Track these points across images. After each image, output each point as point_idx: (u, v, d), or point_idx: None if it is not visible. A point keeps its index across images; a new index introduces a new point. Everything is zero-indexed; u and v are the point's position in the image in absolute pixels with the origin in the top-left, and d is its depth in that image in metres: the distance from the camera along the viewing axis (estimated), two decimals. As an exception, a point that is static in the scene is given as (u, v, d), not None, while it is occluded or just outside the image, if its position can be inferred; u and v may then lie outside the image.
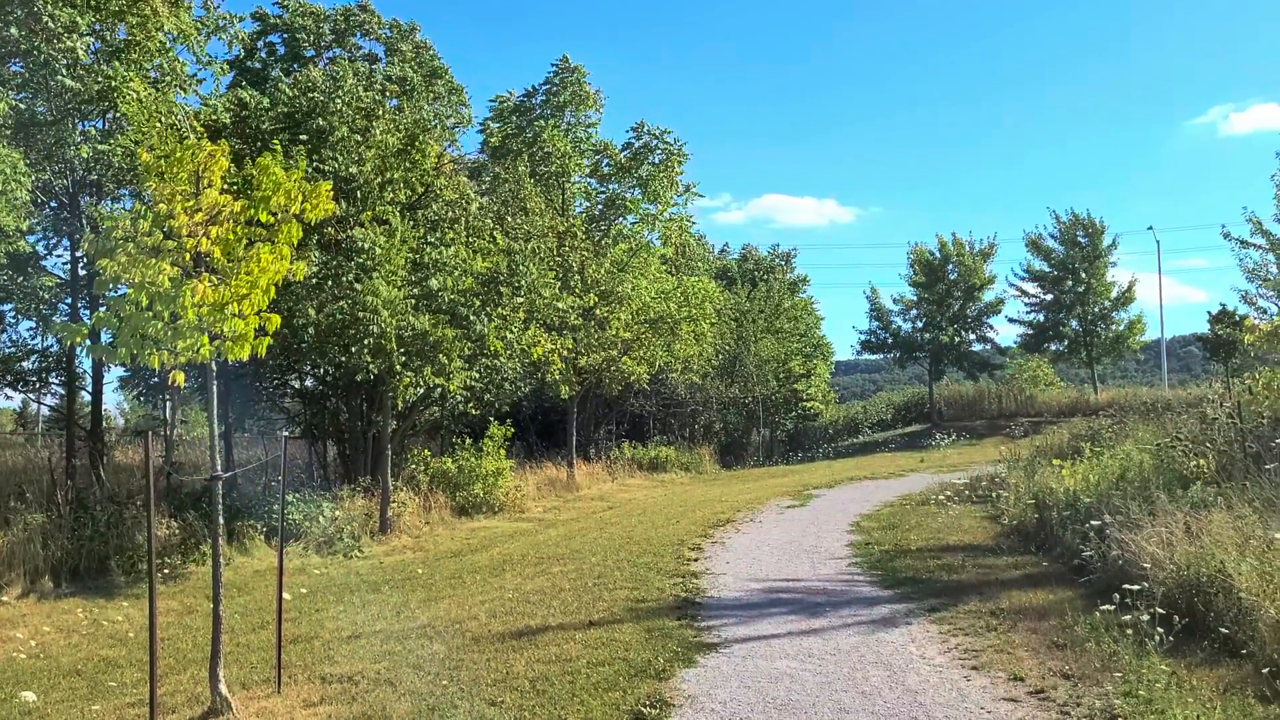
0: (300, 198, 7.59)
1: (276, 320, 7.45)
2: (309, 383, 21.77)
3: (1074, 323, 42.03)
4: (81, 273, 17.37)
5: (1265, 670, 6.83)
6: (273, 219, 7.51)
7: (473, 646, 9.06)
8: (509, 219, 22.79)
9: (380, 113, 19.37)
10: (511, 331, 19.60)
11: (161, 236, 7.10)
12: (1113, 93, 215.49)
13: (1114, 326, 42.00)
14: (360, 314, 16.31)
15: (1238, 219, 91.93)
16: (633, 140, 28.87)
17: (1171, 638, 7.57)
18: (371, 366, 16.77)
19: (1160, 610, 7.82)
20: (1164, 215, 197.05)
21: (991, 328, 44.44)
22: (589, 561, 13.62)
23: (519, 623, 9.97)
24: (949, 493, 18.83)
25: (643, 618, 9.89)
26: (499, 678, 7.96)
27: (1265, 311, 21.91)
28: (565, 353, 24.27)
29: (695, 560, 13.33)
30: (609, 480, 27.72)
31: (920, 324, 44.26)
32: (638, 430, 37.03)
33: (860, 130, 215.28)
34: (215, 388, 7.85)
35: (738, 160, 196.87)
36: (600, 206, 29.48)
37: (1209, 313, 28.30)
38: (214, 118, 17.93)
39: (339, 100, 18.65)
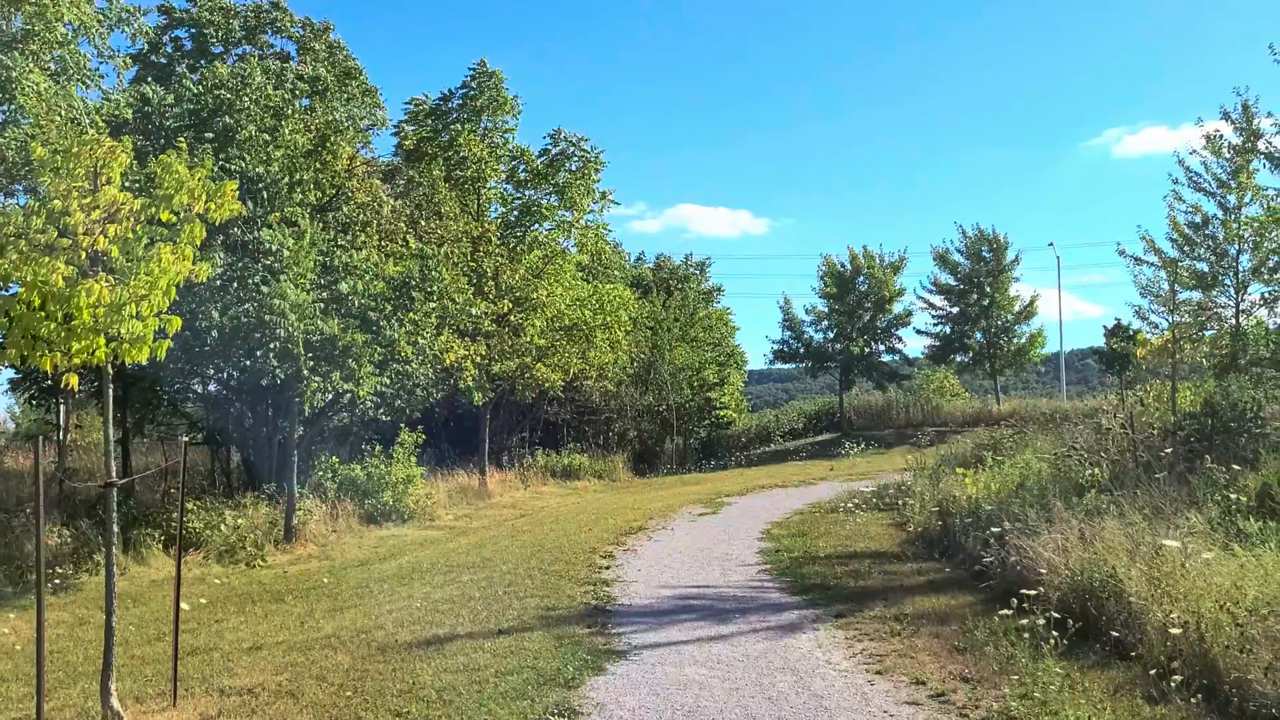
0: (204, 197, 7.41)
1: (177, 322, 7.24)
2: (212, 387, 21.20)
3: (979, 335, 43.23)
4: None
5: (1153, 672, 7.10)
6: (175, 218, 7.32)
7: (378, 656, 8.92)
8: (422, 223, 22.56)
9: (290, 112, 19.00)
10: (424, 337, 19.37)
11: (56, 234, 6.86)
12: (1012, 111, 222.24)
13: (1016, 339, 43.32)
14: (267, 317, 15.95)
15: (1132, 237, 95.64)
16: (550, 147, 28.78)
17: (1066, 641, 7.81)
18: (278, 371, 16.40)
19: (1055, 614, 8.07)
20: (1062, 232, 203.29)
21: (900, 339, 45.45)
22: (500, 570, 13.52)
23: (427, 632, 9.84)
24: (857, 501, 19.18)
25: (553, 626, 9.85)
26: (405, 688, 7.85)
27: (1157, 326, 22.82)
28: (479, 359, 24.07)
29: (607, 568, 13.33)
30: (522, 488, 27.53)
31: (831, 334, 45.00)
32: (552, 438, 36.89)
33: (772, 142, 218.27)
34: (111, 391, 7.60)
35: (653, 169, 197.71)
36: (516, 212, 29.29)
37: (1105, 327, 29.33)
38: (116, 113, 17.36)
39: (247, 98, 18.23)
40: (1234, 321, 20.66)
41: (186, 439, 10.58)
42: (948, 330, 43.99)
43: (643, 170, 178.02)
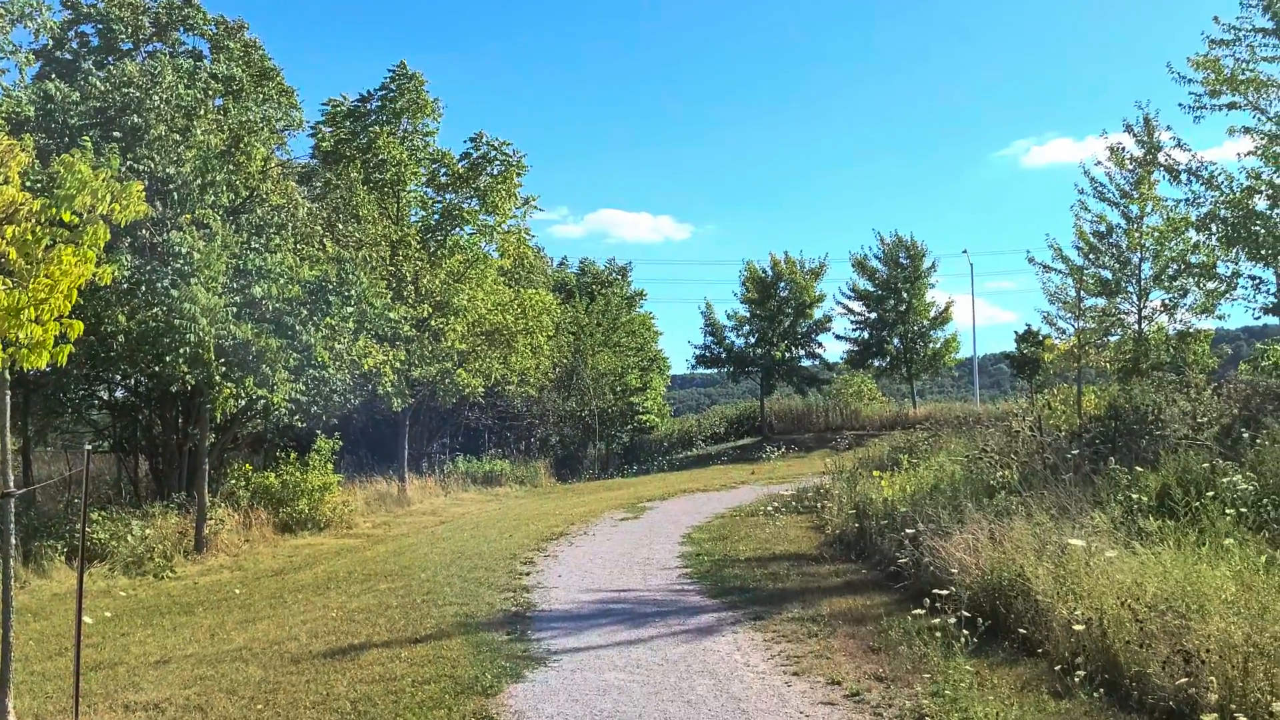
0: (108, 198, 7.19)
1: (79, 326, 7.01)
2: (120, 393, 20.57)
3: (896, 340, 44.02)
4: None
5: (1058, 667, 7.30)
6: (77, 219, 7.08)
7: (292, 668, 8.73)
8: (340, 226, 22.19)
9: (203, 112, 18.55)
10: (341, 342, 19.04)
11: (-52, 234, 6.59)
12: (924, 121, 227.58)
13: (932, 344, 44.23)
14: (176, 321, 15.53)
15: (1040, 245, 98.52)
16: (471, 151, 28.53)
17: (976, 639, 7.98)
18: (188, 377, 15.98)
19: (966, 613, 8.24)
20: (974, 239, 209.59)
21: (820, 344, 45.99)
22: (418, 578, 13.35)
23: (342, 642, 9.67)
24: (777, 504, 19.39)
25: (472, 633, 9.76)
26: (319, 699, 7.70)
27: (1064, 332, 23.51)
28: (398, 364, 23.75)
29: (527, 574, 13.26)
30: (442, 494, 27.26)
31: (753, 340, 45.38)
32: (473, 443, 36.63)
33: (694, 148, 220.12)
34: (9, 398, 7.32)
35: (575, 174, 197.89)
36: (437, 216, 28.98)
37: (1016, 332, 30.25)
38: (17, 110, 16.76)
39: (157, 97, 17.74)
40: (1136, 327, 21.39)
41: (90, 447, 10.25)
42: (866, 335, 44.70)
43: (565, 174, 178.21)
